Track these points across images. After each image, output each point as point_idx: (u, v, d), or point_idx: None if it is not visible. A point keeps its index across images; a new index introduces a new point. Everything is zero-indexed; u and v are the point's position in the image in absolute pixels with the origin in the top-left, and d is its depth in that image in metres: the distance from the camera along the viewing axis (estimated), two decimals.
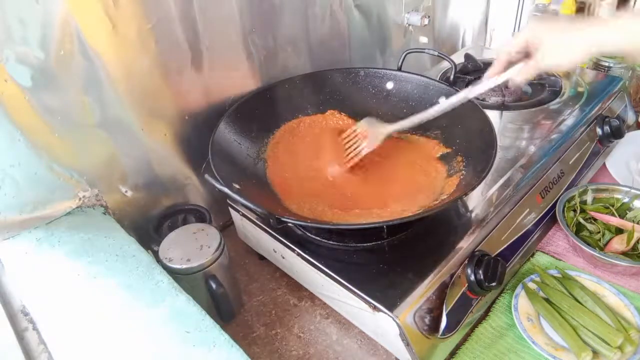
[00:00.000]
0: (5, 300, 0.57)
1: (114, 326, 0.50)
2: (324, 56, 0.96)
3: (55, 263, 0.58)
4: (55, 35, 0.57)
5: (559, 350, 0.63)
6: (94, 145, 0.67)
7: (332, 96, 0.88)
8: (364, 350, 0.67)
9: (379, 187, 0.74)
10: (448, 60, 0.85)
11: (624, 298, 0.68)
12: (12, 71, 0.55)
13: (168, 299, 0.52)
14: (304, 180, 0.76)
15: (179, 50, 0.72)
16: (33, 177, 0.61)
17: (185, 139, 0.78)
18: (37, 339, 0.53)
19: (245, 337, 0.70)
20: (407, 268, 0.61)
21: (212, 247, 0.64)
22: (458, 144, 0.76)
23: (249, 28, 0.80)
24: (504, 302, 0.71)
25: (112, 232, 0.63)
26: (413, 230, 0.67)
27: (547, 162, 0.80)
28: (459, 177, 0.71)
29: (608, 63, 1.09)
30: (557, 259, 0.78)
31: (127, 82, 0.67)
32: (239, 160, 0.74)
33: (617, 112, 0.98)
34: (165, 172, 0.78)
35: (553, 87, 0.99)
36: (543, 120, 0.89)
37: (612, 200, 0.83)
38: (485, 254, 0.64)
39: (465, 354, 0.64)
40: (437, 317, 0.60)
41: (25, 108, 0.58)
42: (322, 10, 0.91)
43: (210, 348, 0.46)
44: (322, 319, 0.72)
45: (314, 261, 0.64)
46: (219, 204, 0.84)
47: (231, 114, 0.76)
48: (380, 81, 0.88)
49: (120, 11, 0.62)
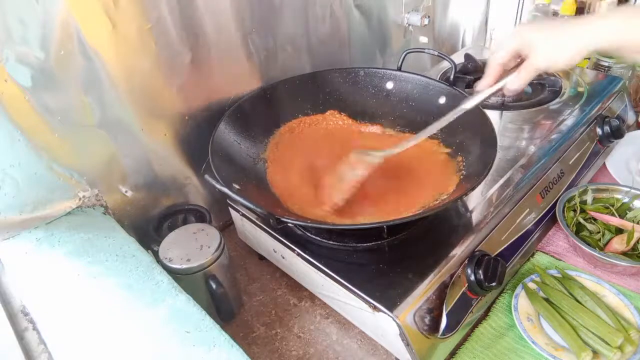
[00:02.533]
0: (5, 300, 0.57)
1: (114, 326, 0.50)
2: (323, 56, 0.96)
3: (55, 263, 0.58)
4: (55, 35, 0.57)
5: (559, 350, 0.63)
6: (94, 145, 0.67)
7: (332, 96, 0.88)
8: (364, 350, 0.67)
9: (378, 188, 0.74)
10: (448, 60, 0.85)
11: (624, 298, 0.68)
12: (12, 71, 0.55)
13: (168, 299, 0.52)
14: (304, 180, 0.76)
15: (179, 50, 0.72)
16: (33, 177, 0.61)
17: (185, 139, 0.78)
18: (37, 339, 0.53)
19: (245, 337, 0.70)
20: (407, 268, 0.61)
21: (212, 247, 0.64)
22: (458, 144, 0.76)
23: (249, 28, 0.80)
24: (504, 302, 0.71)
25: (112, 232, 0.63)
26: (413, 230, 0.67)
27: (547, 162, 0.80)
28: (459, 177, 0.71)
29: (608, 63, 1.09)
30: (557, 259, 0.78)
31: (127, 82, 0.67)
32: (239, 161, 0.74)
33: (617, 112, 0.98)
34: (165, 172, 0.78)
35: (553, 87, 0.99)
36: (543, 120, 0.89)
37: (612, 200, 0.83)
38: (485, 254, 0.64)
39: (465, 354, 0.64)
40: (437, 317, 0.60)
41: (25, 108, 0.58)
42: (322, 10, 0.91)
43: (210, 348, 0.46)
44: (322, 319, 0.72)
45: (314, 261, 0.64)
46: (219, 204, 0.84)
47: (231, 114, 0.76)
48: (380, 81, 0.88)
49: (120, 11, 0.62)
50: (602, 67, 1.10)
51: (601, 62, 1.10)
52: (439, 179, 0.73)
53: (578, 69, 1.09)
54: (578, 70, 1.07)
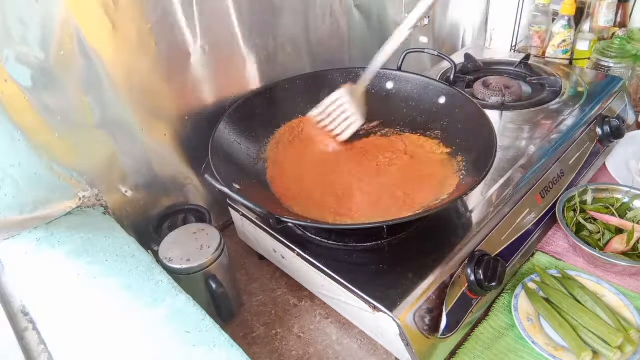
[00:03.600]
0: (5, 300, 0.57)
1: (114, 326, 0.50)
2: (324, 56, 0.96)
3: (55, 263, 0.58)
4: (55, 35, 0.57)
5: (559, 350, 0.63)
6: (94, 145, 0.67)
7: None
8: (364, 350, 0.67)
9: (378, 188, 0.74)
10: (448, 60, 0.85)
11: (624, 298, 0.68)
12: (12, 71, 0.55)
13: (168, 298, 0.52)
14: (304, 180, 0.76)
15: (179, 50, 0.72)
16: (33, 177, 0.61)
17: (185, 139, 0.78)
18: (37, 339, 0.53)
19: (245, 337, 0.70)
20: (407, 268, 0.61)
21: (212, 247, 0.64)
22: (458, 144, 0.76)
23: (249, 28, 0.80)
24: (504, 302, 0.71)
25: (112, 232, 0.63)
26: (413, 230, 0.67)
27: (547, 162, 0.80)
28: (459, 177, 0.71)
29: (608, 63, 1.09)
30: (557, 259, 0.78)
31: (127, 82, 0.67)
32: (239, 160, 0.74)
33: (617, 112, 0.98)
34: (165, 172, 0.78)
35: (553, 87, 0.99)
36: (543, 120, 0.89)
37: (612, 200, 0.83)
38: (485, 254, 0.64)
39: (465, 354, 0.64)
40: (437, 317, 0.60)
41: (25, 108, 0.58)
42: (322, 10, 0.91)
43: (210, 348, 0.46)
44: (322, 319, 0.72)
45: (314, 261, 0.64)
46: (219, 204, 0.84)
47: (231, 114, 0.76)
48: (380, 81, 0.88)
49: (120, 11, 0.62)
50: (602, 67, 1.10)
51: (601, 62, 1.10)
52: (439, 179, 0.73)
53: (578, 68, 1.09)
54: (578, 70, 1.07)
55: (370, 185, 0.74)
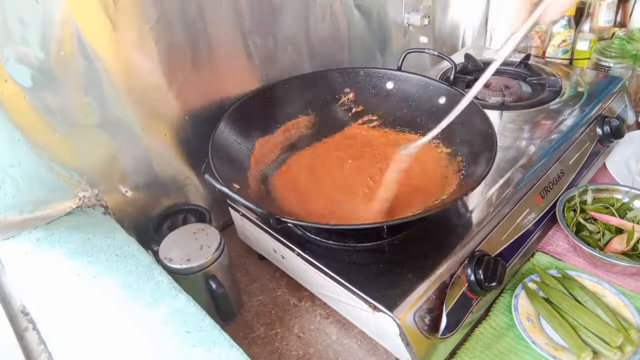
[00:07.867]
0: (5, 300, 0.57)
1: (114, 326, 0.50)
2: (324, 56, 0.96)
3: (55, 263, 0.58)
4: (55, 36, 0.57)
5: (559, 350, 0.63)
6: (94, 145, 0.67)
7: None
8: (364, 350, 0.67)
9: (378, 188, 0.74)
10: (448, 60, 0.85)
11: (624, 298, 0.68)
12: (12, 71, 0.55)
13: (168, 299, 0.52)
14: (304, 179, 0.76)
15: (178, 50, 0.72)
16: (33, 177, 0.61)
17: (185, 139, 0.78)
18: (37, 339, 0.53)
19: (245, 337, 0.70)
20: (407, 268, 0.61)
21: (212, 247, 0.64)
22: (458, 144, 0.76)
23: (249, 28, 0.80)
24: (504, 302, 0.71)
25: (112, 232, 0.63)
26: (413, 230, 0.67)
27: (547, 162, 0.80)
28: (459, 177, 0.71)
29: (608, 63, 1.09)
30: (557, 259, 0.78)
31: (127, 82, 0.67)
32: (239, 161, 0.74)
33: (617, 112, 0.98)
34: (165, 172, 0.78)
35: (553, 87, 0.99)
36: (543, 120, 0.89)
37: (612, 200, 0.83)
38: (485, 254, 0.64)
39: (465, 354, 0.64)
40: (437, 317, 0.60)
41: (25, 108, 0.58)
42: (322, 10, 0.91)
43: (210, 348, 0.46)
44: (322, 319, 0.72)
45: (314, 261, 0.64)
46: (219, 204, 0.84)
47: (231, 114, 0.76)
48: (380, 81, 0.88)
49: (120, 11, 0.62)
50: (602, 67, 1.10)
51: (601, 62, 1.10)
52: (439, 179, 0.73)
53: (578, 68, 1.09)
54: (578, 70, 1.07)
55: (370, 185, 0.74)
